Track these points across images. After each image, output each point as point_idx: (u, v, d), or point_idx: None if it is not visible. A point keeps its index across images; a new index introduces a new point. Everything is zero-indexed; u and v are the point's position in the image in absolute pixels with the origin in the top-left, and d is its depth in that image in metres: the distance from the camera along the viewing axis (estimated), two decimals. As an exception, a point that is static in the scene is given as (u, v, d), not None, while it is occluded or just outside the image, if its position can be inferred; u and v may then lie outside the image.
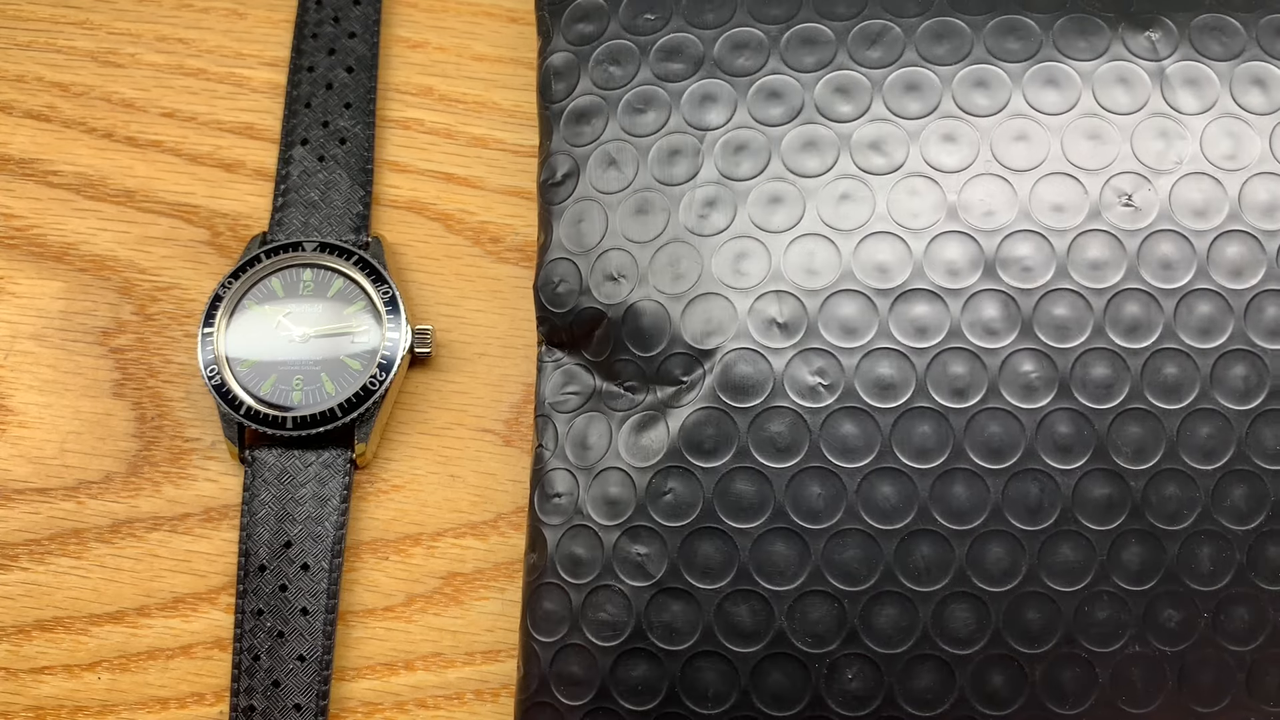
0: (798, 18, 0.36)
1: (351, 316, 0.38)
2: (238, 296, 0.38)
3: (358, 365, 0.38)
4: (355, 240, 0.39)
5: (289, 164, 0.40)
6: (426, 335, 0.38)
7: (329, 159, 0.40)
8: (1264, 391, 0.34)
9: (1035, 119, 0.35)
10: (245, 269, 0.38)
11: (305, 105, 0.40)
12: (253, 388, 0.38)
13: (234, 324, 0.38)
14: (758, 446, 0.34)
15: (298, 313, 0.38)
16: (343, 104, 0.40)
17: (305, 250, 0.38)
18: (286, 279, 0.38)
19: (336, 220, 0.39)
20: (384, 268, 0.38)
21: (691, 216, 0.35)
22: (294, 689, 0.36)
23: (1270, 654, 0.34)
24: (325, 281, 0.38)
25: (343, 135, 0.40)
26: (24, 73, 0.40)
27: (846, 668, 0.34)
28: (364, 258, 0.38)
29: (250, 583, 0.37)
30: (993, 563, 0.34)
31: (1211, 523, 0.34)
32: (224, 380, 0.38)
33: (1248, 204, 0.34)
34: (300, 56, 0.40)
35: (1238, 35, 0.35)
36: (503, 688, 0.38)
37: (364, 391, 0.37)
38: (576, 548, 0.35)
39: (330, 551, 0.37)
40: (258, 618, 0.37)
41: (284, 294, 0.38)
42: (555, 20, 0.37)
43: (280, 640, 0.37)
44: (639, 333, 0.35)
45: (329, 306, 0.38)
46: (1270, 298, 0.34)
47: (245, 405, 0.37)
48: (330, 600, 0.37)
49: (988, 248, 0.34)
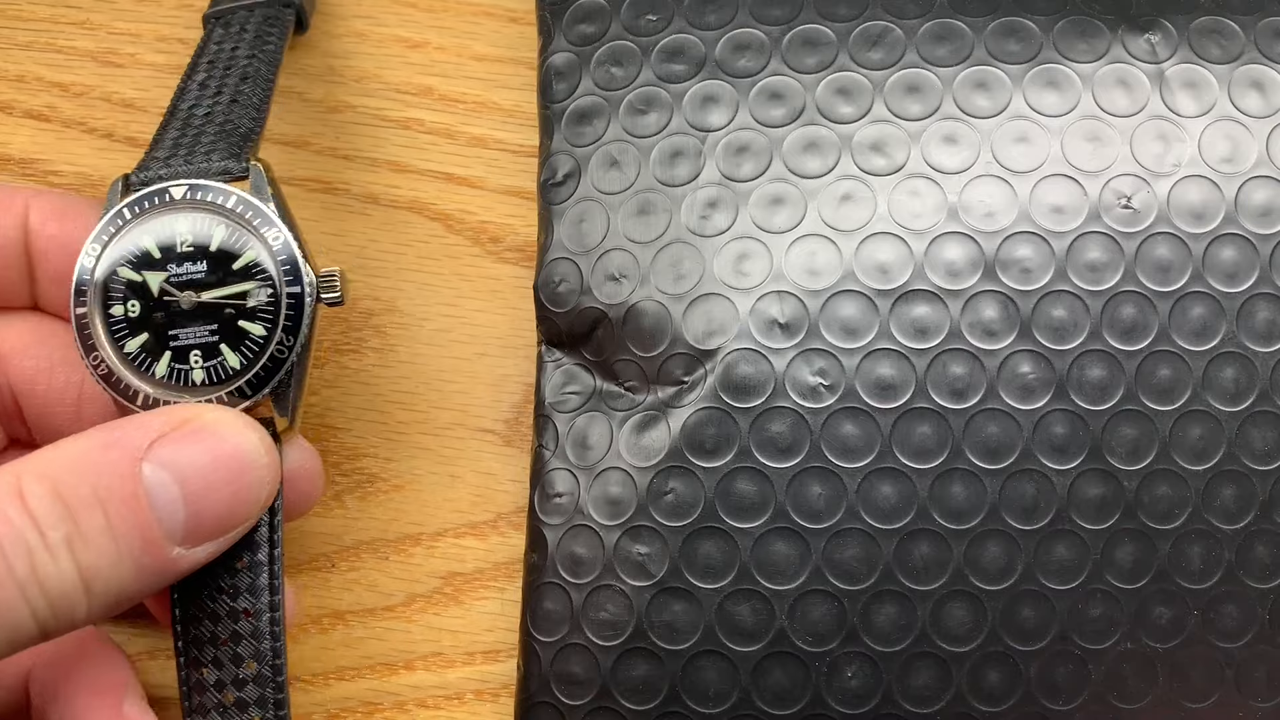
0: (799, 19, 0.36)
1: (242, 271, 0.32)
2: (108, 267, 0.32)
3: (260, 330, 0.32)
4: (234, 169, 0.33)
5: (178, 98, 0.35)
6: (334, 279, 0.33)
7: (224, 89, 0.35)
8: (1254, 394, 0.34)
9: (1035, 120, 0.35)
10: (108, 233, 0.32)
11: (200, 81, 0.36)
12: (146, 370, 0.32)
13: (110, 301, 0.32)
14: (759, 446, 0.34)
15: (180, 275, 0.32)
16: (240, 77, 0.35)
17: (175, 199, 0.32)
18: (160, 235, 0.32)
19: (210, 146, 0.33)
20: (270, 202, 0.32)
21: (693, 217, 0.35)
22: (247, 701, 0.32)
23: (1258, 651, 0.34)
24: (205, 231, 0.32)
25: (244, 73, 0.35)
26: (24, 73, 0.40)
27: (846, 666, 0.34)
28: (243, 197, 0.32)
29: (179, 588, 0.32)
30: (989, 562, 0.34)
31: (1202, 522, 0.34)
32: (111, 369, 0.32)
33: (1244, 207, 0.35)
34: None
35: (1236, 38, 0.36)
36: (503, 688, 0.38)
37: (273, 362, 0.32)
38: (577, 547, 0.35)
39: (265, 541, 0.32)
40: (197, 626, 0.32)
41: (160, 254, 0.32)
42: (556, 20, 0.37)
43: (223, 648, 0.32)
44: (640, 333, 0.35)
45: (214, 262, 0.32)
46: (1261, 301, 0.35)
47: (142, 394, 0.32)
48: (274, 597, 0.32)
49: (988, 249, 0.35)
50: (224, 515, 0.30)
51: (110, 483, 0.28)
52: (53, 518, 0.28)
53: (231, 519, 0.30)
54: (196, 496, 0.29)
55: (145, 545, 0.29)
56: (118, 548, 0.28)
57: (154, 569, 0.29)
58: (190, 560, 0.30)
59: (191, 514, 0.29)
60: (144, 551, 0.29)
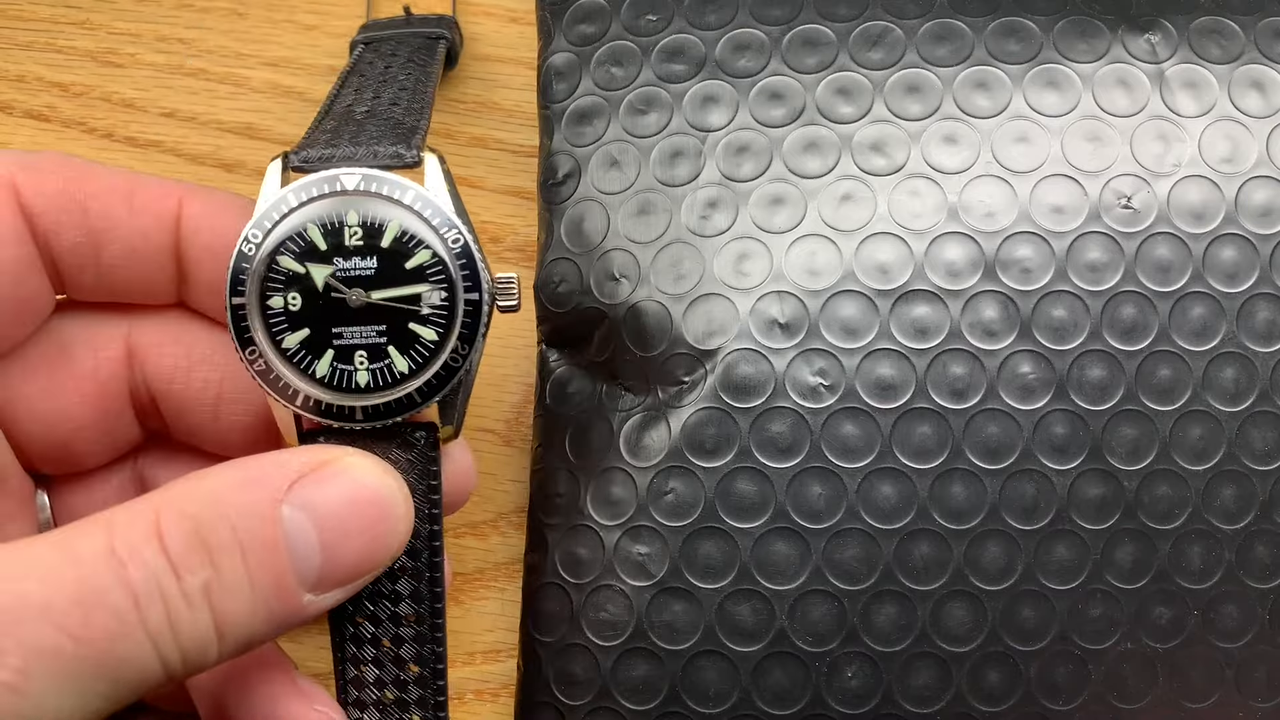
0: (799, 19, 0.36)
1: (416, 271, 0.30)
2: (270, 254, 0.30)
3: (432, 334, 0.30)
4: (406, 156, 0.30)
5: (331, 101, 0.33)
6: (512, 285, 0.31)
7: (381, 95, 0.33)
8: (1254, 394, 0.34)
9: (1036, 121, 0.35)
10: (271, 219, 0.30)
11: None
12: (306, 369, 0.30)
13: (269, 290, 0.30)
14: (759, 446, 0.34)
15: (348, 270, 0.30)
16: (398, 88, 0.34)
17: (347, 189, 0.30)
18: (327, 225, 0.30)
19: (378, 134, 0.31)
20: (452, 198, 0.30)
21: (693, 217, 0.35)
22: (408, 701, 0.31)
23: (1258, 651, 0.34)
24: (377, 225, 0.30)
25: (401, 84, 0.34)
26: (24, 73, 0.40)
27: (846, 666, 0.34)
28: (421, 192, 0.30)
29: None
30: (989, 562, 0.34)
31: (1202, 522, 0.34)
32: (268, 365, 0.30)
33: (1243, 207, 0.35)
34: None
35: (1236, 38, 0.36)
36: (503, 688, 0.38)
37: (446, 370, 0.30)
38: (577, 547, 0.35)
39: (427, 548, 0.31)
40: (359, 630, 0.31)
41: (327, 246, 0.30)
42: (556, 21, 0.37)
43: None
44: (641, 333, 0.35)
45: (385, 259, 0.30)
46: (1261, 301, 0.35)
47: (301, 395, 0.30)
48: (435, 605, 0.31)
49: (988, 249, 0.35)
50: (357, 563, 0.29)
51: (250, 525, 0.27)
52: (193, 562, 0.26)
53: (363, 567, 0.29)
54: (332, 544, 0.28)
55: (279, 592, 0.27)
56: (254, 595, 0.27)
57: (283, 616, 0.28)
58: (319, 606, 0.29)
59: (326, 561, 0.28)
60: (277, 598, 0.27)
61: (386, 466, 0.30)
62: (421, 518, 0.31)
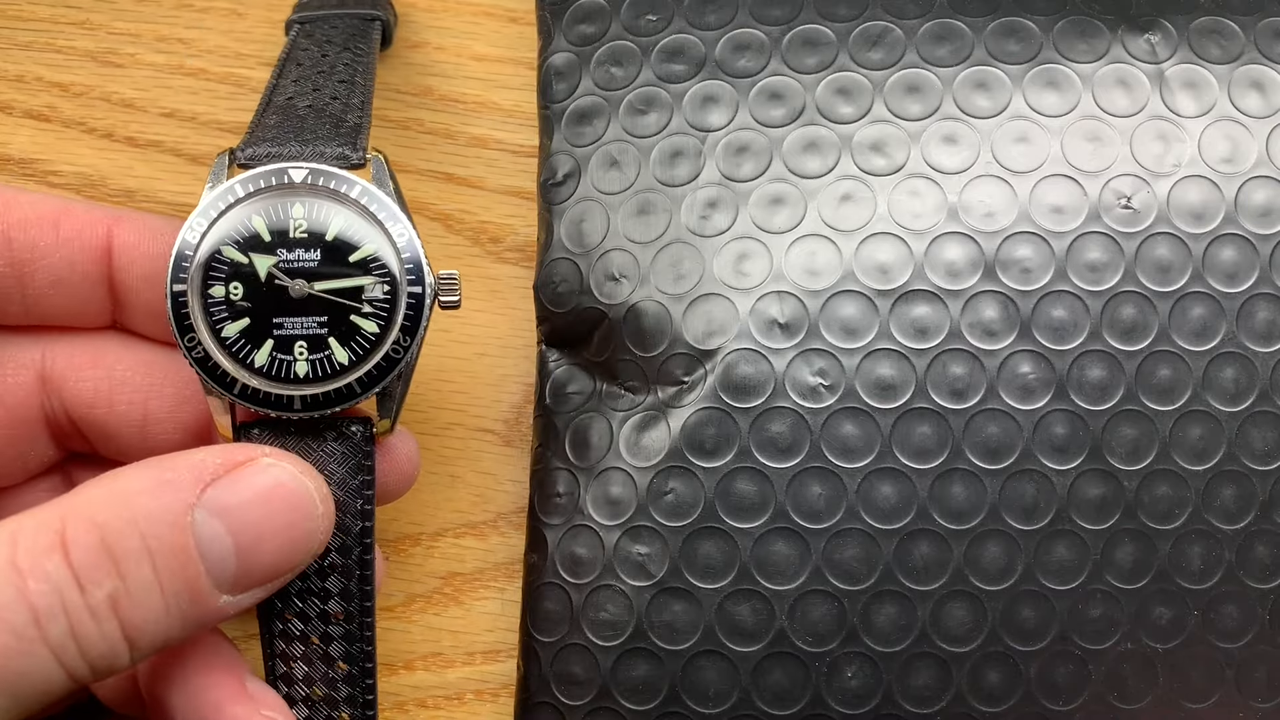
0: (799, 19, 0.36)
1: (359, 264, 0.30)
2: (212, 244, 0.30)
3: (373, 327, 0.30)
4: (351, 157, 0.31)
5: (271, 93, 0.33)
6: (454, 282, 0.31)
7: (321, 89, 0.33)
8: (1253, 394, 0.34)
9: (1035, 121, 0.35)
10: (216, 208, 0.30)
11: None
12: (245, 359, 0.30)
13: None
14: (759, 446, 0.34)
15: (291, 261, 0.30)
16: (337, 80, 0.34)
17: (294, 182, 0.30)
18: (272, 217, 0.30)
19: (321, 133, 0.31)
20: (392, 195, 0.31)
21: (693, 217, 0.35)
22: (336, 698, 0.32)
23: (1258, 651, 0.35)
24: (322, 219, 0.31)
25: (340, 76, 0.34)
26: (24, 73, 0.40)
27: (846, 666, 0.34)
28: (367, 188, 0.31)
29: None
30: (989, 562, 0.34)
31: (1202, 522, 0.34)
32: (207, 353, 0.30)
33: (1244, 207, 0.35)
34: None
35: (1236, 38, 0.36)
36: (503, 688, 0.38)
37: (386, 362, 0.30)
38: (577, 547, 0.35)
39: (358, 545, 0.31)
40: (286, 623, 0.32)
41: (271, 237, 0.30)
42: (556, 21, 0.37)
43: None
44: (640, 333, 0.35)
45: (329, 252, 0.30)
46: (1261, 301, 0.35)
47: (239, 384, 0.30)
48: (365, 603, 0.32)
49: (988, 249, 0.35)
50: (274, 564, 0.29)
51: (160, 531, 0.27)
52: (98, 574, 0.26)
53: (281, 568, 0.29)
54: (248, 546, 0.28)
55: (192, 596, 0.27)
56: (165, 601, 0.27)
57: (199, 618, 0.28)
58: (238, 606, 0.29)
59: (242, 563, 0.28)
60: (191, 602, 0.27)
61: (305, 465, 0.30)
62: (353, 514, 0.31)
